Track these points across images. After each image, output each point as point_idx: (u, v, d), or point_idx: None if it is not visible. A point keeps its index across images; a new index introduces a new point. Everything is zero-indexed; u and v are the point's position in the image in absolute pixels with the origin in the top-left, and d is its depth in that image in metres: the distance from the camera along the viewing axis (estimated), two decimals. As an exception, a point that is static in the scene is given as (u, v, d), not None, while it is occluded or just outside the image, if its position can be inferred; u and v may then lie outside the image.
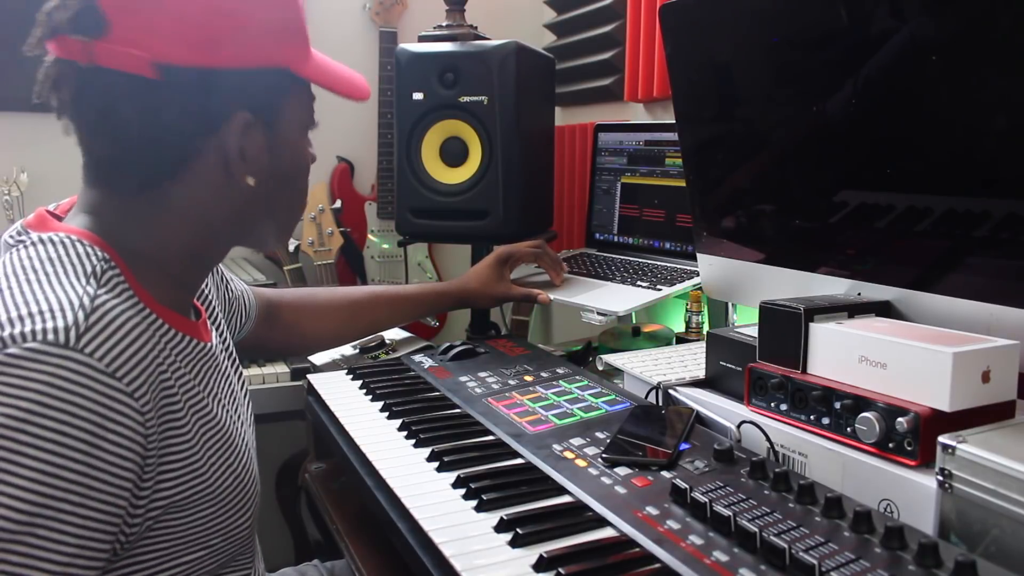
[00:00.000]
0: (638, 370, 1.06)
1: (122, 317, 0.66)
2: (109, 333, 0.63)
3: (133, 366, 0.64)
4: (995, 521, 0.61)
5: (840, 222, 0.95)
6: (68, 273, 0.67)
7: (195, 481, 0.72)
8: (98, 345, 0.62)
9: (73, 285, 0.66)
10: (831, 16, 0.89)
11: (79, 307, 0.63)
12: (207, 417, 0.76)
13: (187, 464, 0.72)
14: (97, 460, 0.61)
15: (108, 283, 0.69)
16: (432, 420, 1.00)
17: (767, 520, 0.66)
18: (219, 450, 0.77)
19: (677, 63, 1.15)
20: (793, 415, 0.83)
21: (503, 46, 1.61)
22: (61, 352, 0.60)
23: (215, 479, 0.75)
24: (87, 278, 0.67)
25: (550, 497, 0.79)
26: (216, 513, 0.75)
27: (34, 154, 2.13)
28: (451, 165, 1.69)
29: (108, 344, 0.63)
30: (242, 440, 0.82)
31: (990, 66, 0.75)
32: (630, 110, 2.07)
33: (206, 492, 0.74)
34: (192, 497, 0.72)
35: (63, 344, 0.61)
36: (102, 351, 0.62)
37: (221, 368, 0.84)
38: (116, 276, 0.70)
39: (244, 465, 0.81)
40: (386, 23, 2.41)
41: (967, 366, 0.70)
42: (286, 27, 0.77)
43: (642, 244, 1.67)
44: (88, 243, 0.71)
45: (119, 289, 0.69)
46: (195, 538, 0.73)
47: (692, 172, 1.19)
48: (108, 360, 0.62)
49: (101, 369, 0.62)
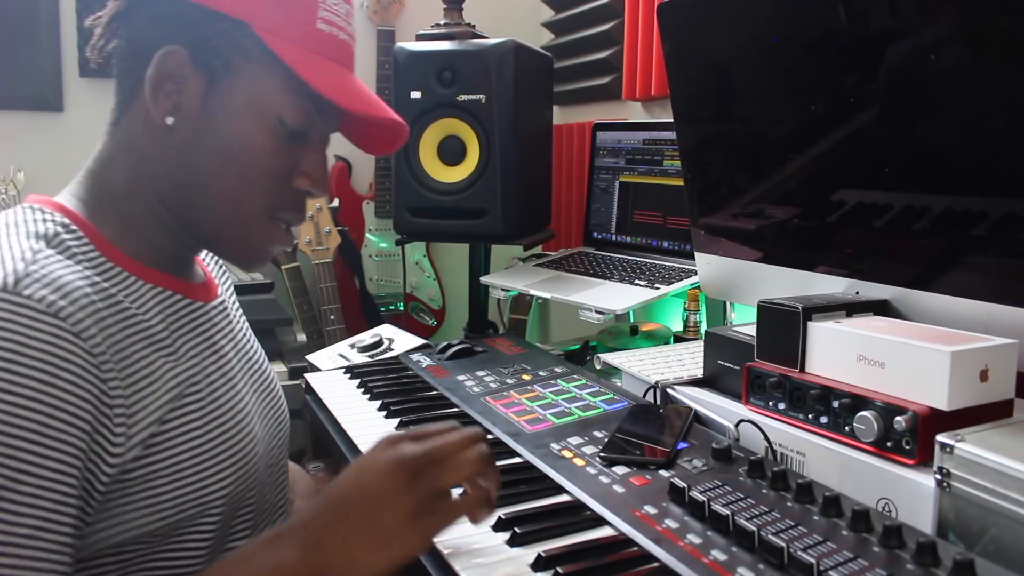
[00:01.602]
0: (636, 369, 1.06)
1: (65, 269, 0.66)
2: (49, 280, 0.64)
3: (77, 309, 0.64)
4: (993, 520, 0.61)
5: (838, 221, 0.95)
6: (19, 235, 0.68)
7: (170, 431, 0.71)
8: (37, 288, 0.62)
9: (20, 243, 0.67)
10: (830, 16, 0.89)
11: (20, 259, 0.64)
12: (192, 370, 0.75)
13: (163, 412, 0.70)
14: (48, 397, 0.60)
15: (59, 244, 0.69)
16: (430, 419, 1.00)
17: (765, 519, 0.66)
18: (203, 402, 0.75)
19: (675, 62, 1.15)
20: (791, 414, 0.83)
21: (501, 45, 1.61)
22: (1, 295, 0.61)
23: (191, 431, 0.73)
24: (36, 238, 0.68)
25: (548, 496, 0.79)
26: (191, 468, 0.73)
27: (31, 153, 2.13)
28: (449, 164, 1.69)
29: (48, 288, 0.63)
30: (234, 398, 0.80)
31: (988, 65, 0.76)
32: (628, 109, 2.07)
33: (181, 444, 0.72)
34: (167, 447, 0.70)
35: (1, 288, 0.61)
36: (41, 293, 0.62)
37: (221, 329, 0.83)
38: (71, 238, 0.71)
39: (231, 422, 0.78)
40: (384, 22, 2.41)
41: (965, 365, 0.70)
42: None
43: (640, 243, 1.67)
44: (48, 209, 0.72)
45: (72, 249, 0.70)
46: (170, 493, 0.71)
47: (690, 171, 1.19)
48: (48, 302, 0.62)
49: (42, 310, 0.61)
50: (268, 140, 0.76)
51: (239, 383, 0.84)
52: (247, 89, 0.75)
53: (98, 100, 0.70)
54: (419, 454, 0.65)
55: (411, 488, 0.64)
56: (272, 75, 0.75)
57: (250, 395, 0.86)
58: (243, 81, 0.75)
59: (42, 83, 2.12)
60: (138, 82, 0.74)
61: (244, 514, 0.81)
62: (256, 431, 0.83)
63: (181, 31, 0.73)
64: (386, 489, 0.64)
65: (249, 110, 0.75)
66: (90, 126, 0.79)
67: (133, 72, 0.75)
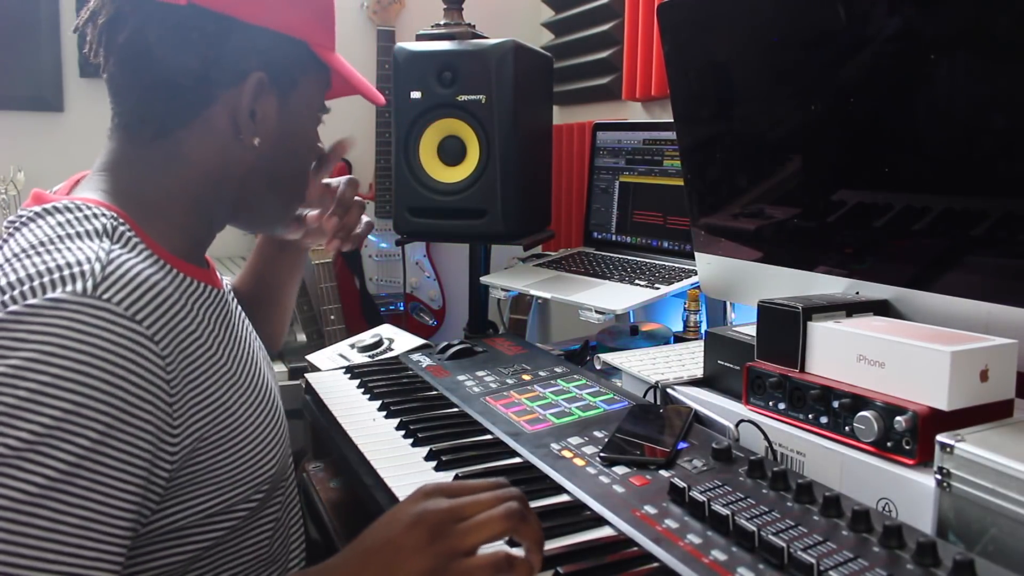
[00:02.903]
0: (636, 369, 1.06)
1: (138, 267, 0.68)
2: (126, 281, 0.65)
3: (151, 311, 0.66)
4: (993, 520, 0.61)
5: (838, 221, 0.95)
6: (81, 235, 0.69)
7: (224, 419, 0.74)
8: (116, 292, 0.64)
9: (89, 244, 0.68)
10: (830, 16, 0.89)
11: (96, 260, 0.65)
12: (230, 357, 0.78)
13: (215, 403, 0.73)
14: (119, 401, 0.62)
15: (121, 238, 0.71)
16: (430, 419, 1.00)
17: (765, 519, 0.66)
18: (243, 387, 0.78)
19: (675, 62, 1.15)
20: (791, 414, 0.83)
21: (501, 45, 1.61)
22: (81, 299, 0.62)
23: (241, 415, 0.76)
24: (100, 236, 0.70)
25: (548, 496, 0.79)
26: (246, 450, 0.76)
27: (31, 153, 2.13)
28: (449, 164, 1.68)
29: (126, 291, 0.65)
30: (262, 378, 0.84)
31: (988, 65, 0.75)
32: (628, 109, 2.07)
33: (235, 429, 0.75)
34: (222, 435, 0.73)
35: (82, 293, 0.62)
36: (120, 297, 0.64)
37: (235, 313, 0.86)
38: (128, 231, 0.73)
39: (267, 401, 0.82)
40: (384, 22, 2.41)
41: (965, 365, 0.70)
42: (316, 8, 0.83)
43: (640, 243, 1.67)
44: (95, 205, 0.73)
45: (132, 243, 0.72)
46: (228, 476, 0.74)
47: (690, 171, 1.19)
48: (126, 305, 0.64)
49: (120, 313, 0.63)
50: (315, 129, 0.90)
51: (262, 364, 0.88)
52: (306, 97, 0.85)
53: (98, 100, 0.71)
54: (443, 510, 0.63)
55: (430, 546, 0.62)
56: (320, 80, 0.86)
57: (270, 375, 0.90)
58: (303, 91, 0.84)
59: (42, 83, 2.11)
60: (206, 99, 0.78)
61: (278, 494, 0.85)
62: (282, 408, 0.88)
63: (261, 56, 0.78)
64: (405, 544, 0.63)
65: (307, 113, 0.86)
66: (90, 126, 0.79)
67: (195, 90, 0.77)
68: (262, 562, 0.82)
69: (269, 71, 0.79)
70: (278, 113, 0.81)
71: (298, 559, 0.92)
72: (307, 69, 0.83)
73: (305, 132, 0.87)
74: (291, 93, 0.82)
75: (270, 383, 0.87)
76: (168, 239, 0.77)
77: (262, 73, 0.78)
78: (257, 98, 0.79)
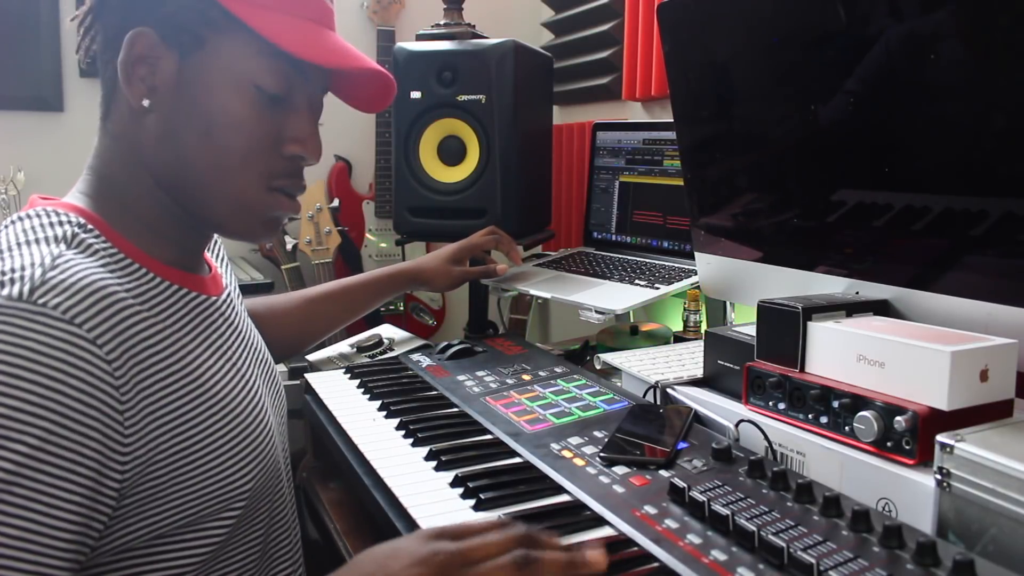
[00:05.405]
0: (636, 369, 1.06)
1: (85, 271, 0.66)
2: (67, 286, 0.63)
3: (94, 315, 0.64)
4: (993, 520, 0.61)
5: (838, 221, 0.95)
6: (39, 240, 0.68)
7: (188, 430, 0.71)
8: (54, 296, 0.62)
9: (38, 249, 0.67)
10: (829, 16, 0.89)
11: (39, 266, 0.64)
12: (206, 366, 0.75)
13: (178, 413, 0.70)
14: (57, 406, 0.60)
15: (80, 244, 0.69)
16: (430, 419, 1.00)
17: (765, 519, 0.66)
18: (218, 399, 0.75)
19: (675, 62, 1.15)
20: (791, 414, 0.83)
21: (501, 45, 1.61)
22: (15, 304, 0.61)
23: (210, 428, 0.73)
24: (56, 242, 0.68)
25: (548, 496, 0.79)
26: (214, 464, 0.73)
27: (31, 153, 2.13)
28: (449, 164, 1.68)
29: (65, 295, 0.63)
30: (249, 390, 0.81)
31: (988, 65, 0.75)
32: (628, 109, 2.07)
33: (200, 441, 0.72)
34: (185, 446, 0.70)
35: (17, 297, 0.61)
36: (57, 300, 0.62)
37: (231, 321, 0.84)
38: (91, 237, 0.71)
39: (249, 414, 0.79)
40: (384, 22, 2.41)
41: (965, 365, 0.70)
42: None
43: (640, 243, 1.67)
44: (63, 211, 0.72)
45: (93, 248, 0.70)
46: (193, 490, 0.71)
47: (690, 171, 1.19)
48: (64, 308, 0.62)
49: (57, 316, 0.61)
50: (247, 108, 0.76)
51: (252, 375, 0.84)
52: (219, 60, 0.74)
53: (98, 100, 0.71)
54: (450, 552, 0.60)
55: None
56: (242, 42, 0.75)
57: (262, 387, 0.87)
58: (214, 52, 0.74)
59: (42, 83, 2.12)
60: (116, 71, 0.75)
61: (263, 507, 0.82)
62: (272, 422, 0.84)
63: (147, 12, 0.73)
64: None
65: (224, 81, 0.75)
66: (90, 126, 0.79)
67: (111, 63, 0.75)
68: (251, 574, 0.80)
69: (158, 27, 0.73)
70: (177, 77, 0.74)
71: (293, 566, 0.91)
72: (220, 29, 0.74)
73: (224, 107, 0.75)
74: (196, 54, 0.74)
75: (261, 398, 0.83)
76: (147, 242, 0.75)
77: (146, 28, 0.72)
78: (142, 56, 0.73)
